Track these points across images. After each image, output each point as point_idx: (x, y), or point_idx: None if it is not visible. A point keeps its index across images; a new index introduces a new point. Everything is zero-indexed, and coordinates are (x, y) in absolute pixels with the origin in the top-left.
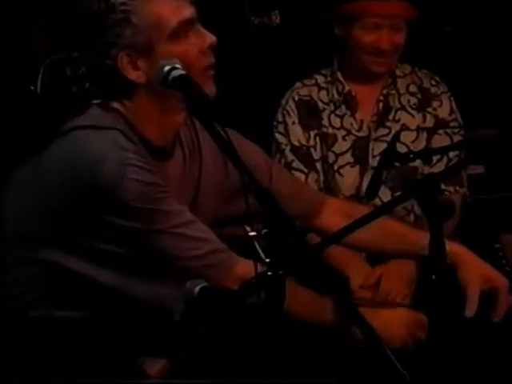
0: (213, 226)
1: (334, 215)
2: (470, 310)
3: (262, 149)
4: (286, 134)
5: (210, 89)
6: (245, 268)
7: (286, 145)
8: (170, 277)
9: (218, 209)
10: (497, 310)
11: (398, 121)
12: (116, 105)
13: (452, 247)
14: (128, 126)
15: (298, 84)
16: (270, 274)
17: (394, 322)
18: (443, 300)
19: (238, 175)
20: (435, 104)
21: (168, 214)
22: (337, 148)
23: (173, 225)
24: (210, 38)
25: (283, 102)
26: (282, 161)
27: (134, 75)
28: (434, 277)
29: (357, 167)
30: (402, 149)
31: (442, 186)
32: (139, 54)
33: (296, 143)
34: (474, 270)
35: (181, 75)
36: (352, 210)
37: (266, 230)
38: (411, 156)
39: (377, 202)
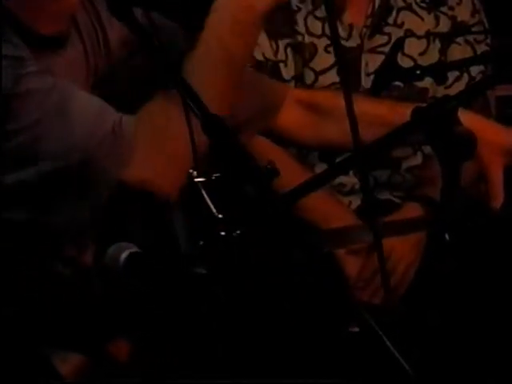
0: None
1: (293, 108)
2: (496, 198)
3: None
4: None
5: None
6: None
7: None
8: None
9: None
10: None
11: (401, 25)
12: None
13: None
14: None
15: None
16: (223, 234)
17: None
18: (458, 265)
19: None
20: (452, 1)
21: (37, 93)
22: (317, 63)
23: (48, 104)
24: None
25: None
26: None
27: None
28: (447, 236)
29: None
30: (406, 63)
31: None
32: None
33: (259, 57)
34: (489, 144)
35: None
36: (312, 97)
37: (217, 175)
38: (419, 73)
39: None
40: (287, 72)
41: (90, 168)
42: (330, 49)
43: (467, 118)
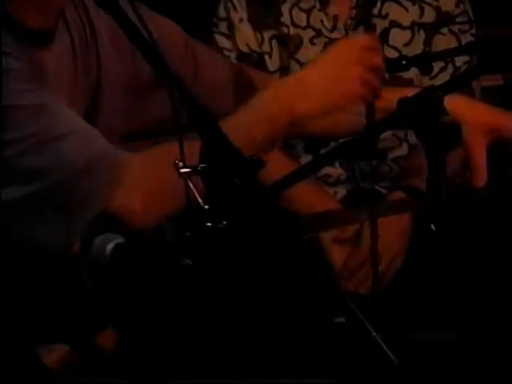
0: (127, 144)
1: None
2: (479, 178)
3: None
4: (231, 36)
5: None
6: (137, 165)
7: (231, 50)
8: (40, 209)
9: (128, 114)
10: None
11: (386, 16)
12: None
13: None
14: None
15: None
16: (209, 225)
17: (337, 66)
18: (445, 256)
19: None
20: None
21: (34, 112)
22: (302, 55)
23: (40, 127)
24: None
25: None
26: None
27: None
28: (433, 226)
29: None
30: (391, 54)
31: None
32: None
33: (244, 48)
34: (473, 122)
35: None
36: None
37: (203, 165)
38: (404, 63)
39: None
40: (272, 64)
41: (71, 190)
42: (316, 40)
43: (451, 99)
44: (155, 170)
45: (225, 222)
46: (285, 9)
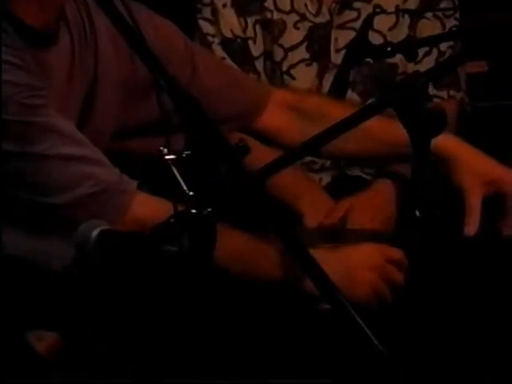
0: (118, 139)
1: (278, 110)
2: (471, 226)
3: None
4: (215, 22)
5: None
6: (144, 207)
7: (214, 36)
8: (43, 225)
9: (122, 113)
10: (508, 220)
11: (370, 0)
12: None
13: (441, 141)
14: None
15: None
16: (194, 212)
17: (355, 264)
18: (429, 243)
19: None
20: None
21: (44, 130)
22: (286, 40)
23: (48, 145)
24: None
25: None
26: None
27: None
28: (417, 212)
29: (314, 66)
30: (375, 39)
31: (431, 90)
32: None
33: (228, 34)
34: (473, 171)
35: None
36: (300, 102)
37: (188, 152)
38: (389, 49)
39: None
40: (256, 49)
41: (74, 213)
42: (299, 25)
43: (454, 145)
44: (158, 205)
45: (209, 209)
46: None
